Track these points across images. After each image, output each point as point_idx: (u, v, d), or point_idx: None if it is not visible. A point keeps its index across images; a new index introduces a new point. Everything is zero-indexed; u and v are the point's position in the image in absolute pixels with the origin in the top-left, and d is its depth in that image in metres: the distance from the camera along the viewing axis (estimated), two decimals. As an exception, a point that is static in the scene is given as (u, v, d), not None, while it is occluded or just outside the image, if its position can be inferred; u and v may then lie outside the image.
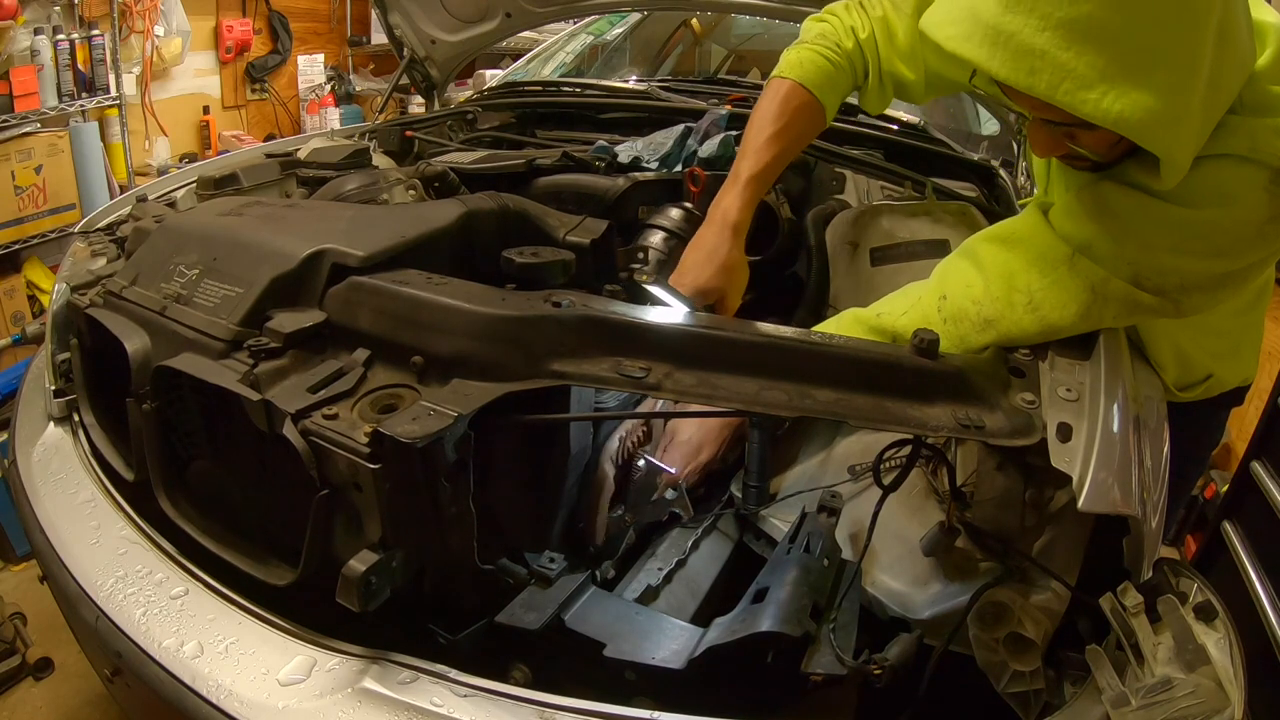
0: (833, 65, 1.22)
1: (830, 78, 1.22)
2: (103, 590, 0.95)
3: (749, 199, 1.18)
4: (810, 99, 1.21)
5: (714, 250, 1.16)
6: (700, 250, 1.17)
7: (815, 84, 1.21)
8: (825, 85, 1.22)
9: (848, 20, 1.25)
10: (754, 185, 1.19)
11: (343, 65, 4.66)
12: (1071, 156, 0.97)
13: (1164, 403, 1.07)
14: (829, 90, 1.23)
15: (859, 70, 1.25)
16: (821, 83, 1.21)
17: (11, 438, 1.29)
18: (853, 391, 0.82)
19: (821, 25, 1.27)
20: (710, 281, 1.13)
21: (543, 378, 0.85)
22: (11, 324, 2.95)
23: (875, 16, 1.23)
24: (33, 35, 2.86)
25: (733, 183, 1.20)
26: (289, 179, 1.55)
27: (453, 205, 1.14)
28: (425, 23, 2.23)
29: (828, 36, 1.25)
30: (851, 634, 0.82)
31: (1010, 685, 0.78)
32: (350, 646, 0.84)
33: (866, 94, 1.28)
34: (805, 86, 1.21)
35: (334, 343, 0.94)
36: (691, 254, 1.18)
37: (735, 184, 1.19)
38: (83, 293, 1.17)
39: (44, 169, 2.92)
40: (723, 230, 1.16)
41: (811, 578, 0.87)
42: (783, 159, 1.22)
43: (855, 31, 1.23)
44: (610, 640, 0.86)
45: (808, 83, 1.21)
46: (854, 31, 1.24)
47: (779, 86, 1.23)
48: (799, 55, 1.24)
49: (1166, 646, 0.69)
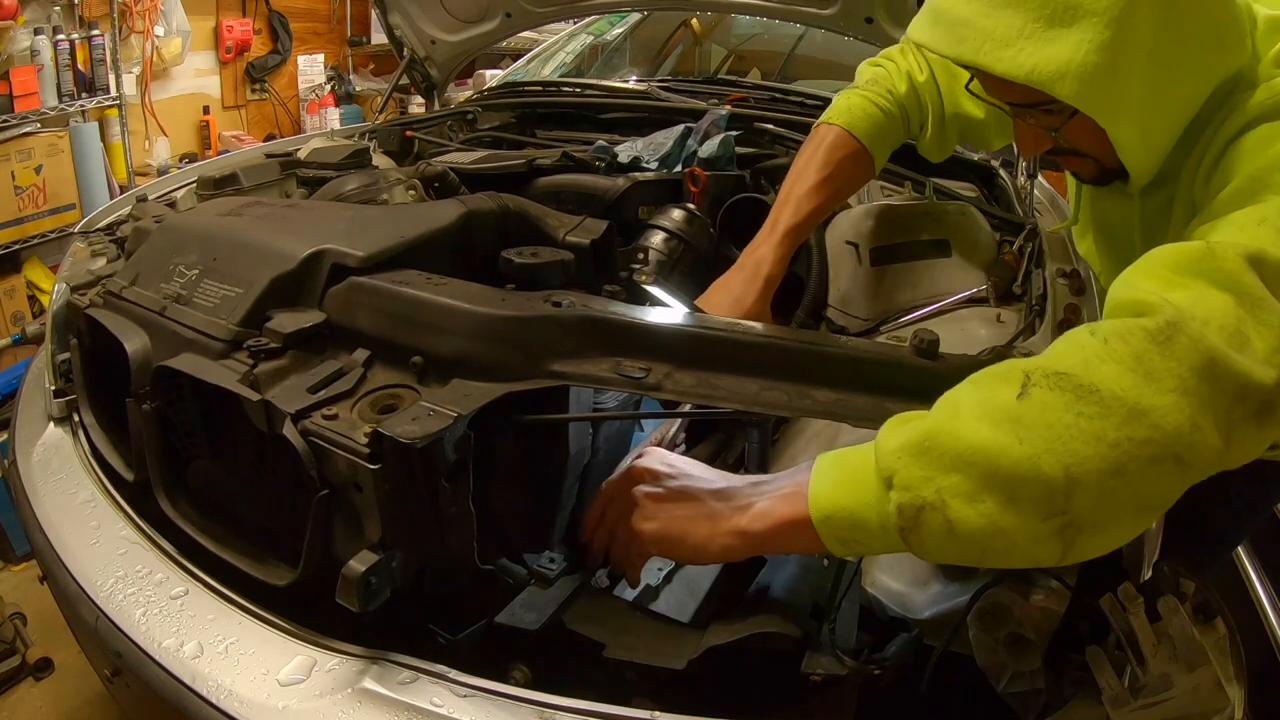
0: (883, 114, 1.18)
1: (880, 127, 1.18)
2: (103, 590, 0.95)
3: (785, 252, 1.15)
4: (858, 148, 1.17)
5: (739, 300, 1.12)
6: (726, 296, 1.13)
7: (864, 133, 1.16)
8: (874, 135, 1.17)
9: (904, 64, 1.20)
10: (791, 237, 1.15)
11: (343, 65, 4.67)
12: (1068, 156, 0.95)
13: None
14: (878, 140, 1.18)
15: (913, 118, 1.20)
16: (870, 131, 1.17)
17: (11, 438, 1.29)
18: (853, 392, 0.82)
19: (875, 70, 1.22)
20: None
21: (543, 378, 0.85)
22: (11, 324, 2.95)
23: (935, 59, 1.18)
24: (33, 35, 2.86)
25: (769, 232, 1.16)
26: (289, 179, 1.55)
27: (453, 205, 1.14)
28: (425, 23, 2.22)
29: (880, 82, 1.20)
30: (851, 634, 0.82)
31: (1010, 685, 0.78)
32: (350, 646, 0.84)
33: (925, 141, 1.23)
34: (853, 135, 1.16)
35: (334, 343, 0.94)
36: (715, 296, 1.14)
37: (773, 234, 1.15)
38: (83, 293, 1.17)
39: (44, 169, 2.93)
40: (753, 281, 1.13)
41: (811, 578, 0.87)
42: (824, 210, 1.19)
43: (912, 76, 1.19)
44: (610, 640, 0.86)
45: (856, 131, 1.16)
46: (910, 76, 1.19)
47: (826, 134, 1.18)
48: (849, 102, 1.19)
49: (1166, 646, 0.69)
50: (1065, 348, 0.67)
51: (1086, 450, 0.61)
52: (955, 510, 0.63)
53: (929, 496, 0.64)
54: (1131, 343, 0.64)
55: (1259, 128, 0.79)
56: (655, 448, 0.94)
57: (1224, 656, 0.68)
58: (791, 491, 0.75)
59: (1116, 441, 0.61)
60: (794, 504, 0.74)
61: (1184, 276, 0.68)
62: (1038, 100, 0.84)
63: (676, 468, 0.87)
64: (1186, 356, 0.62)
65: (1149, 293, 0.67)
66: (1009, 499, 0.63)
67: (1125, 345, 0.64)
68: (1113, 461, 0.61)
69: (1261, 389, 0.63)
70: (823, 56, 2.66)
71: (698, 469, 0.87)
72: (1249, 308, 0.65)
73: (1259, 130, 0.79)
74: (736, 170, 1.57)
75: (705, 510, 0.80)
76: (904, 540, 0.67)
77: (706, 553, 0.81)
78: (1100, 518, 0.63)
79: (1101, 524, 0.64)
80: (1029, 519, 0.63)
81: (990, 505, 0.63)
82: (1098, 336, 0.66)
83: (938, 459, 0.65)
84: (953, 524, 0.64)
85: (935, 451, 0.65)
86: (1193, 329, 0.63)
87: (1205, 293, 0.66)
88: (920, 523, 0.65)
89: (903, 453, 0.67)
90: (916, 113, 1.20)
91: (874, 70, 1.23)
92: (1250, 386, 0.62)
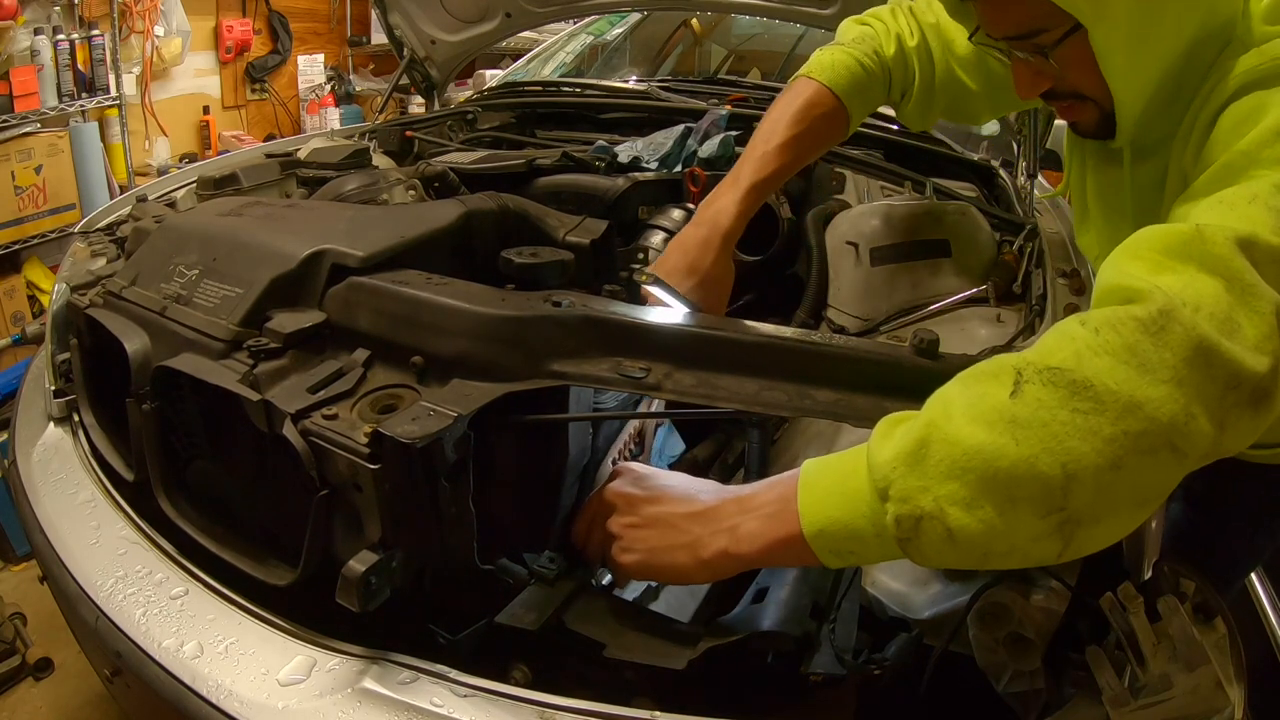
0: (866, 73, 1.11)
1: (862, 86, 1.11)
2: (103, 590, 0.95)
3: (747, 207, 1.08)
4: (836, 106, 1.10)
5: (696, 260, 1.06)
6: (683, 256, 1.07)
7: (844, 90, 1.10)
8: (854, 94, 1.11)
9: (894, 25, 1.14)
10: (755, 193, 1.08)
11: (343, 65, 4.67)
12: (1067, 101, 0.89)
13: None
14: (858, 99, 1.12)
15: (897, 82, 1.15)
16: (851, 90, 1.10)
17: (11, 438, 1.29)
18: (853, 392, 0.82)
19: (862, 29, 1.16)
20: (686, 294, 1.04)
21: (543, 378, 0.85)
22: (11, 324, 2.95)
23: (928, 23, 1.12)
24: (33, 35, 2.86)
25: (731, 184, 1.09)
26: (289, 179, 1.55)
27: (453, 205, 1.14)
28: (425, 23, 2.23)
29: (866, 41, 1.13)
30: (851, 634, 0.82)
31: (1010, 685, 0.78)
32: (350, 646, 0.84)
33: (907, 107, 1.18)
34: (833, 91, 1.10)
35: (334, 343, 0.94)
36: (672, 257, 1.08)
37: (735, 187, 1.08)
38: (83, 293, 1.17)
39: (44, 169, 2.93)
40: (710, 237, 1.06)
41: (811, 578, 0.87)
42: (792, 167, 1.12)
43: (902, 39, 1.13)
44: (610, 640, 0.86)
45: (837, 88, 1.10)
46: (899, 38, 1.13)
47: (803, 88, 1.11)
48: (831, 57, 1.12)
49: (1166, 646, 0.69)
50: (1056, 341, 0.66)
51: (1083, 446, 0.61)
52: (954, 518, 0.63)
53: (927, 506, 0.63)
54: (1123, 333, 0.63)
55: (1246, 97, 0.76)
56: (629, 464, 0.91)
57: (1224, 656, 0.68)
58: (778, 510, 0.73)
59: (1112, 436, 0.60)
60: (783, 523, 0.72)
61: (1173, 260, 0.66)
62: (1034, 28, 0.80)
63: (652, 489, 0.84)
64: (1179, 346, 0.61)
65: (1137, 278, 0.66)
66: (1007, 501, 0.62)
67: (1117, 336, 0.63)
68: (1109, 456, 0.60)
69: (1254, 376, 0.62)
70: (823, 56, 2.65)
71: (676, 484, 0.84)
72: (1239, 294, 0.64)
73: (1247, 100, 0.76)
74: (736, 170, 1.57)
75: (685, 539, 0.79)
76: (903, 549, 0.66)
77: (693, 579, 0.81)
78: (1098, 512, 0.62)
79: (1099, 517, 0.63)
80: (1027, 518, 0.62)
81: (989, 510, 0.62)
82: (1088, 327, 0.65)
83: (934, 467, 0.64)
84: (953, 531, 0.63)
85: (931, 460, 0.64)
86: (1184, 316, 0.62)
87: (1195, 278, 0.64)
88: (920, 532, 0.64)
89: (897, 462, 0.65)
90: (901, 77, 1.14)
91: (860, 29, 1.17)
92: (1242, 374, 0.62)
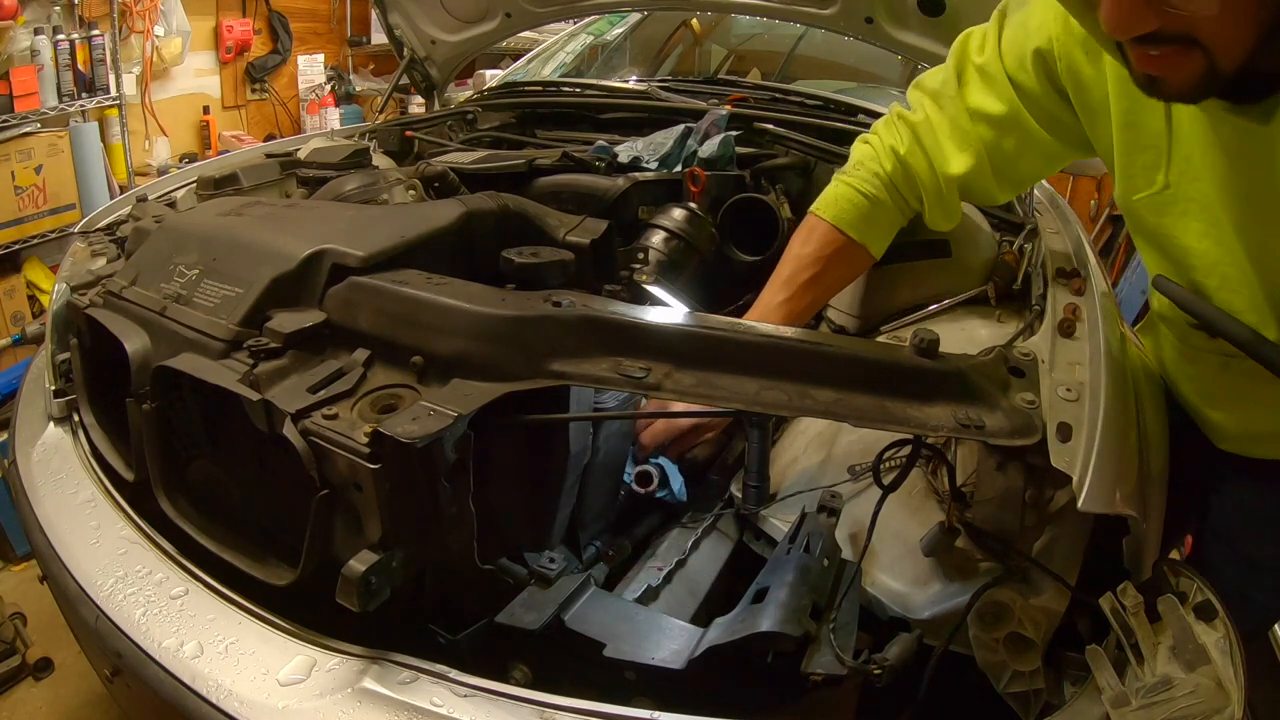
0: (869, 201, 1.15)
1: (867, 216, 1.15)
2: (103, 590, 0.95)
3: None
4: (846, 243, 1.15)
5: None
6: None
7: (851, 225, 1.15)
8: (863, 226, 1.15)
9: (888, 139, 1.16)
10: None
11: (343, 65, 4.67)
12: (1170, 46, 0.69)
13: (1164, 407, 1.07)
14: (869, 230, 1.16)
15: (908, 193, 1.16)
16: (858, 223, 1.15)
17: (11, 438, 1.29)
18: (853, 391, 0.82)
19: (863, 149, 1.20)
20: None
21: (543, 378, 0.85)
22: (11, 324, 2.95)
23: (916, 121, 1.14)
24: (33, 35, 2.86)
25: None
26: (289, 179, 1.55)
27: (453, 205, 1.14)
28: (425, 23, 2.23)
29: (866, 165, 1.17)
30: (851, 634, 0.82)
31: (1010, 685, 0.78)
32: (350, 646, 0.84)
33: (928, 214, 1.18)
34: (840, 230, 1.15)
35: (334, 343, 0.94)
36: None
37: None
38: (83, 293, 1.17)
39: (44, 169, 2.92)
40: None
41: (811, 578, 0.87)
42: (816, 305, 1.19)
43: (895, 150, 1.15)
44: (610, 640, 0.86)
45: (843, 224, 1.15)
46: (893, 151, 1.15)
47: (814, 226, 1.17)
48: (836, 192, 1.17)
49: (1166, 646, 0.69)
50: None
51: None
52: None
53: None
54: None
55: None
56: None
57: (1224, 656, 0.68)
58: None
59: None
60: None
61: None
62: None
63: None
64: None
65: None
66: None
67: None
68: None
69: None
70: (823, 56, 2.66)
71: None
72: None
73: None
74: (736, 170, 1.57)
75: None
76: None
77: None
78: None
79: None
80: None
81: None
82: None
83: None
84: None
85: None
86: None
87: None
88: None
89: None
90: (909, 188, 1.16)
91: (862, 149, 1.20)
92: None
